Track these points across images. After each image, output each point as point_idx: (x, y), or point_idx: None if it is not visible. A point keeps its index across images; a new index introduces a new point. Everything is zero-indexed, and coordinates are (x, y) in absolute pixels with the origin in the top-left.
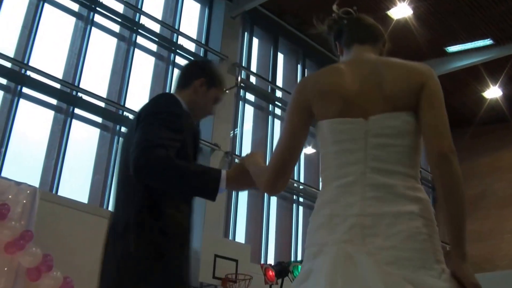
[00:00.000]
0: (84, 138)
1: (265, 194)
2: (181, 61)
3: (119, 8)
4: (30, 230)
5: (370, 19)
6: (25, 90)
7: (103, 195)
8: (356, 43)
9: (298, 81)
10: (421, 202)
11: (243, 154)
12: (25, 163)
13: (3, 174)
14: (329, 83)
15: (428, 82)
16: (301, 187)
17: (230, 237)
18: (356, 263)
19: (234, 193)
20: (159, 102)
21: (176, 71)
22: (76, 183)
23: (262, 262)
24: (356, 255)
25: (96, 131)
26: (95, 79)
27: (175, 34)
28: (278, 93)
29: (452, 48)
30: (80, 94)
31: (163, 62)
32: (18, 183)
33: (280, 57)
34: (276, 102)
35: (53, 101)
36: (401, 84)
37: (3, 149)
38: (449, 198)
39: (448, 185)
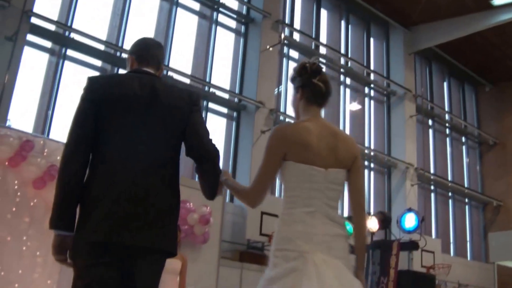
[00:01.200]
0: None
1: None
2: (224, 19)
3: None
4: None
5: (329, 84)
6: (70, 52)
7: None
8: (316, 105)
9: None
10: (345, 227)
11: (288, 111)
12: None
13: (50, 136)
14: (303, 139)
15: (358, 155)
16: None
17: (277, 194)
18: (330, 264)
19: None
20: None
21: (220, 30)
22: None
23: None
24: (330, 260)
25: None
26: None
27: None
28: (322, 50)
29: (498, 1)
30: (124, 55)
31: (206, 20)
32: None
33: (324, 13)
34: (320, 59)
35: (98, 63)
36: (346, 153)
37: (50, 111)
38: (362, 233)
39: (363, 226)
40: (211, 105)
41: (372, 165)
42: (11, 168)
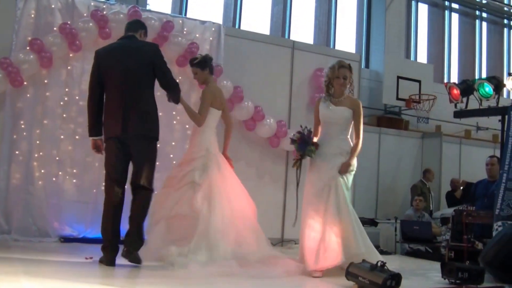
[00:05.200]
0: None
1: (446, 11)
2: None
3: None
4: (219, 65)
5: None
6: None
7: (283, 25)
8: (212, 74)
9: None
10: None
11: None
12: (206, 1)
13: (187, 15)
14: (216, 95)
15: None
16: (484, 1)
17: (412, 58)
18: (220, 155)
19: (413, 12)
20: (160, 52)
21: None
22: (256, 16)
23: (445, 81)
24: (220, 153)
25: None
26: None
27: None
28: None
29: None
30: None
31: None
32: (203, 22)
33: None
34: None
35: None
36: (224, 101)
37: None
38: (230, 131)
39: (230, 130)
40: None
41: (511, 23)
42: None
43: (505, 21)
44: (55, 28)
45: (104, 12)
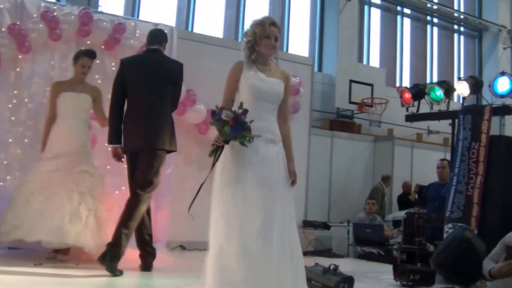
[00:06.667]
0: None
1: (398, 16)
2: None
3: None
4: None
5: None
6: None
7: (236, 29)
8: None
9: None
10: None
11: None
12: (159, 4)
13: (140, 18)
14: None
15: None
16: (435, 7)
17: (365, 62)
18: None
19: (366, 16)
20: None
21: None
22: (209, 19)
23: (397, 85)
24: None
25: None
26: None
27: None
28: None
29: None
30: None
31: None
32: (156, 24)
33: None
34: None
35: None
36: None
37: None
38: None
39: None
40: None
41: (461, 28)
42: (107, 51)
43: (455, 26)
44: (3, 29)
45: (55, 13)
